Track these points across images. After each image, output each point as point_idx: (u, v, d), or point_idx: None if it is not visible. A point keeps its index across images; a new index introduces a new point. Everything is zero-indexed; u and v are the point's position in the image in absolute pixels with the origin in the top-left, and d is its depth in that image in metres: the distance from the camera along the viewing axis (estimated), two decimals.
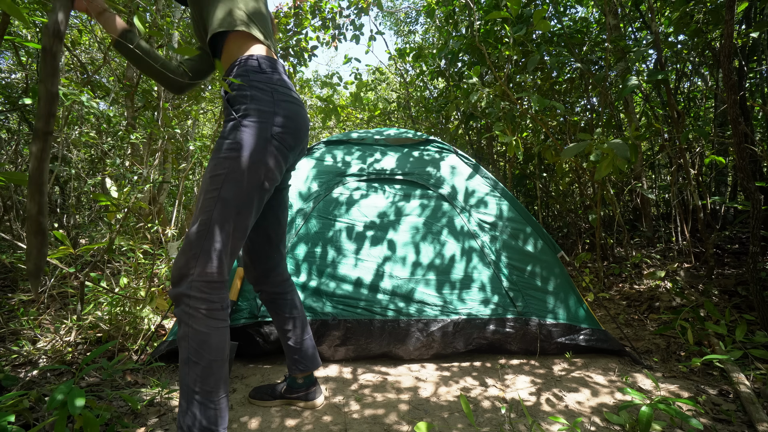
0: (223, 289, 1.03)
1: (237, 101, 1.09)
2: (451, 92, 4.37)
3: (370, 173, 2.14)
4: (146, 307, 2.07)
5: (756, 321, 1.98)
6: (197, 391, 0.96)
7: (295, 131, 1.14)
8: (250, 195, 1.06)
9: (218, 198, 1.02)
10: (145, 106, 3.81)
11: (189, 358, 0.97)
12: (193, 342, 0.97)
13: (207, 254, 1.00)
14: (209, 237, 1.01)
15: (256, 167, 1.05)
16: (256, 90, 1.10)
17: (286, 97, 1.14)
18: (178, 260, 1.01)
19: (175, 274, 1.01)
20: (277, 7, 4.75)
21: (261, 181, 1.08)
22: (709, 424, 1.32)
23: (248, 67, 1.12)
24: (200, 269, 0.99)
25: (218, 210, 1.02)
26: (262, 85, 1.11)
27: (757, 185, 1.96)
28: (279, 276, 1.37)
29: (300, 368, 1.40)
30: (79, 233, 3.66)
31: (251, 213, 1.08)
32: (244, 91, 1.10)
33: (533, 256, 1.99)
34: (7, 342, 1.94)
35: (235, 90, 1.11)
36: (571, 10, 4.47)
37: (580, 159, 3.10)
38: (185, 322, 0.99)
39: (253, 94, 1.09)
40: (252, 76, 1.11)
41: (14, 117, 4.31)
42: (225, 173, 1.03)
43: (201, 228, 1.01)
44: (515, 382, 1.66)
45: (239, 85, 1.10)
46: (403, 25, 8.63)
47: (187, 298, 0.99)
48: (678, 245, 3.27)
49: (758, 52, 3.20)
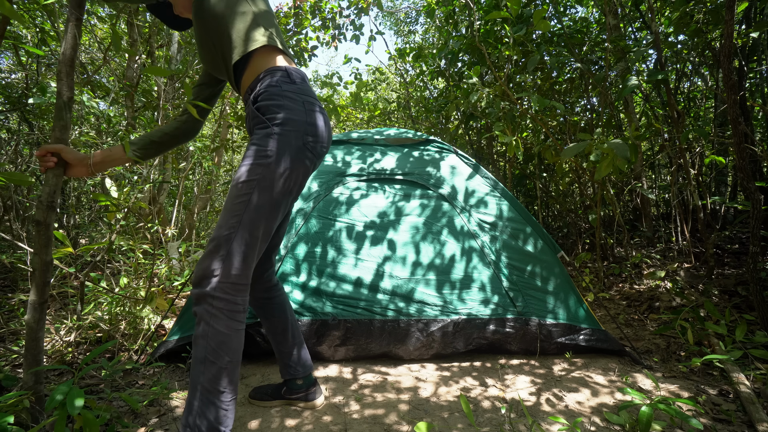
0: (246, 291, 1.05)
1: (269, 110, 1.11)
2: (451, 92, 4.37)
3: (370, 173, 2.14)
4: (146, 307, 2.07)
5: (756, 321, 1.98)
6: (210, 391, 0.97)
7: (325, 140, 1.18)
8: (279, 202, 1.09)
9: (248, 203, 1.04)
10: (145, 106, 3.81)
11: (206, 358, 0.98)
12: (213, 342, 0.98)
13: (234, 257, 1.02)
14: (238, 240, 1.03)
15: (287, 175, 1.08)
16: (288, 100, 1.12)
17: (315, 107, 1.17)
18: (203, 261, 1.03)
19: (199, 275, 1.02)
20: (277, 7, 4.75)
21: (290, 188, 1.11)
22: (709, 424, 1.32)
23: (279, 77, 1.15)
24: (226, 271, 1.01)
25: (248, 214, 1.04)
26: (293, 95, 1.13)
27: (757, 185, 1.96)
28: (267, 282, 1.38)
29: (291, 373, 1.40)
30: (79, 233, 3.66)
31: (277, 219, 1.11)
32: (277, 101, 1.11)
33: (533, 256, 1.99)
34: (7, 342, 1.94)
35: (266, 99, 1.13)
36: (571, 10, 4.47)
37: (580, 159, 3.10)
38: (206, 321, 0.99)
39: (286, 104, 1.11)
40: (284, 87, 1.13)
41: (14, 117, 4.31)
42: (257, 180, 1.05)
43: (230, 231, 1.03)
44: (515, 382, 1.66)
45: (271, 95, 1.12)
46: (403, 25, 8.63)
47: (211, 298, 0.99)
48: (678, 245, 3.27)
49: (758, 52, 3.20)
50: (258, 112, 1.13)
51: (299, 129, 1.10)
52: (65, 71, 1.12)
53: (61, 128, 1.13)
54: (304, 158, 1.12)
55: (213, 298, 0.99)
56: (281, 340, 1.38)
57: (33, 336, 1.07)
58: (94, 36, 4.18)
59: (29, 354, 1.06)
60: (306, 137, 1.11)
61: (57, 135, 1.13)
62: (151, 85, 4.52)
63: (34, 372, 1.09)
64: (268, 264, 1.38)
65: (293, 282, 1.84)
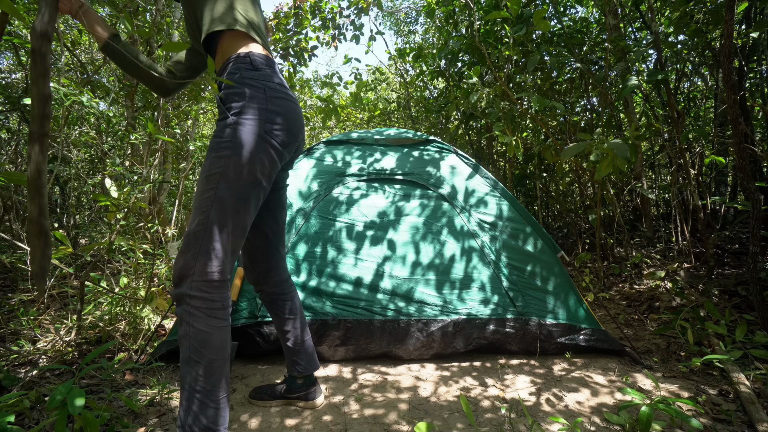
0: (223, 288, 1.03)
1: (230, 99, 1.08)
2: (451, 92, 4.37)
3: (370, 173, 2.14)
4: (146, 307, 2.07)
5: (756, 321, 1.98)
6: (198, 390, 0.96)
7: (289, 128, 1.13)
8: (247, 193, 1.05)
9: (214, 197, 1.02)
10: (145, 106, 3.81)
11: (190, 357, 0.97)
12: (195, 341, 0.97)
13: (206, 254, 1.00)
14: (207, 237, 1.00)
15: (251, 165, 1.05)
16: (249, 87, 1.08)
17: (279, 93, 1.13)
18: (177, 261, 1.01)
19: (176, 275, 1.01)
20: (277, 7, 4.74)
21: (257, 179, 1.07)
22: (709, 424, 1.32)
23: (240, 64, 1.11)
24: (200, 269, 0.99)
25: (215, 209, 1.02)
26: (254, 82, 1.10)
27: (757, 185, 1.96)
28: (278, 276, 1.37)
29: (299, 369, 1.40)
30: (79, 233, 3.66)
31: (249, 211, 1.08)
32: (237, 89, 1.08)
33: (533, 256, 1.99)
34: (7, 342, 1.94)
35: (227, 88, 1.10)
36: (571, 10, 4.47)
37: (580, 159, 3.10)
38: (186, 321, 0.99)
39: (246, 92, 1.08)
40: (245, 74, 1.10)
41: (14, 117, 4.31)
42: (220, 172, 1.03)
43: (198, 228, 1.01)
44: (515, 382, 1.66)
45: (232, 82, 1.08)
46: (403, 25, 8.62)
47: (188, 297, 0.99)
48: (678, 245, 3.27)
49: (758, 52, 3.19)
50: (221, 102, 1.10)
51: (259, 117, 1.07)
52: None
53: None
54: (268, 146, 1.08)
55: (190, 297, 0.99)
56: (290, 336, 1.38)
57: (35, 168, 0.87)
58: None
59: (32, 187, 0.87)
60: (267, 125, 1.08)
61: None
62: None
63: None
64: (276, 257, 1.36)
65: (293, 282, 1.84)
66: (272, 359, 1.87)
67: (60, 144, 3.01)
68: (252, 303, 1.80)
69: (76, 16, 1.18)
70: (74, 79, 4.02)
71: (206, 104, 5.78)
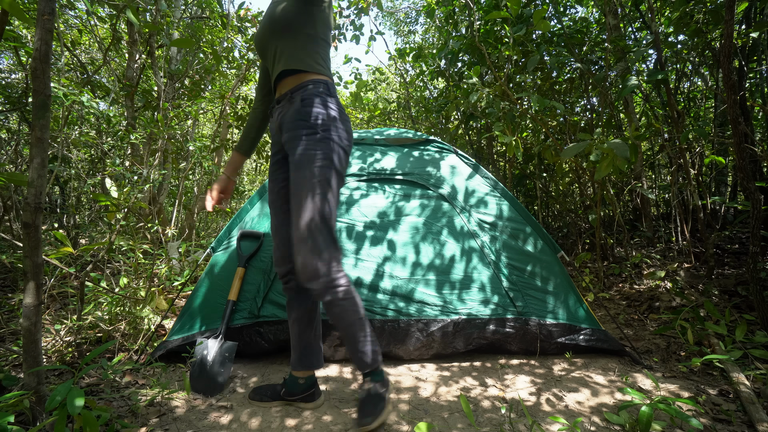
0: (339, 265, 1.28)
1: (318, 116, 1.28)
2: (451, 92, 4.37)
3: (370, 173, 2.14)
4: (146, 307, 2.07)
5: (756, 321, 1.98)
6: (366, 334, 1.29)
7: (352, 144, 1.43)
8: (338, 197, 1.32)
9: (324, 200, 1.25)
10: (145, 106, 3.81)
11: (355, 320, 1.27)
12: (350, 306, 1.26)
13: (328, 246, 1.23)
14: (326, 232, 1.24)
15: (340, 173, 1.31)
16: (332, 110, 1.31)
17: (347, 116, 1.38)
18: (307, 257, 1.20)
19: (311, 270, 1.20)
20: None
21: (341, 185, 1.34)
22: (709, 424, 1.32)
23: (322, 89, 1.33)
24: (329, 257, 1.23)
25: (327, 210, 1.25)
26: (336, 105, 1.34)
27: (757, 185, 1.96)
28: None
29: (305, 365, 1.42)
30: (79, 233, 3.66)
31: None
32: (325, 109, 1.30)
33: (533, 256, 1.99)
34: (7, 342, 1.94)
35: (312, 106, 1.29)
36: (571, 10, 4.47)
37: (580, 159, 3.10)
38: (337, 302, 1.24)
39: (331, 113, 1.30)
40: (328, 98, 1.33)
41: (14, 117, 4.31)
42: (326, 180, 1.25)
43: (321, 226, 1.23)
44: (515, 382, 1.66)
45: (318, 102, 1.29)
46: (403, 25, 8.62)
47: (330, 281, 1.22)
48: (678, 245, 3.27)
49: (758, 52, 3.20)
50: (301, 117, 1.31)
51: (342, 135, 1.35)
52: (41, 68, 1.05)
53: (41, 127, 1.07)
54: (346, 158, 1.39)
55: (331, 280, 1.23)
56: (306, 329, 1.43)
57: (31, 339, 1.06)
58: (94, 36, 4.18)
59: (29, 356, 1.06)
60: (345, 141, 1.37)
61: (38, 135, 1.07)
62: (151, 85, 4.52)
63: (35, 372, 1.09)
64: None
65: None
66: (272, 359, 1.87)
67: (60, 144, 3.01)
68: (251, 303, 1.80)
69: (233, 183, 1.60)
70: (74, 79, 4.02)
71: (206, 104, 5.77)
